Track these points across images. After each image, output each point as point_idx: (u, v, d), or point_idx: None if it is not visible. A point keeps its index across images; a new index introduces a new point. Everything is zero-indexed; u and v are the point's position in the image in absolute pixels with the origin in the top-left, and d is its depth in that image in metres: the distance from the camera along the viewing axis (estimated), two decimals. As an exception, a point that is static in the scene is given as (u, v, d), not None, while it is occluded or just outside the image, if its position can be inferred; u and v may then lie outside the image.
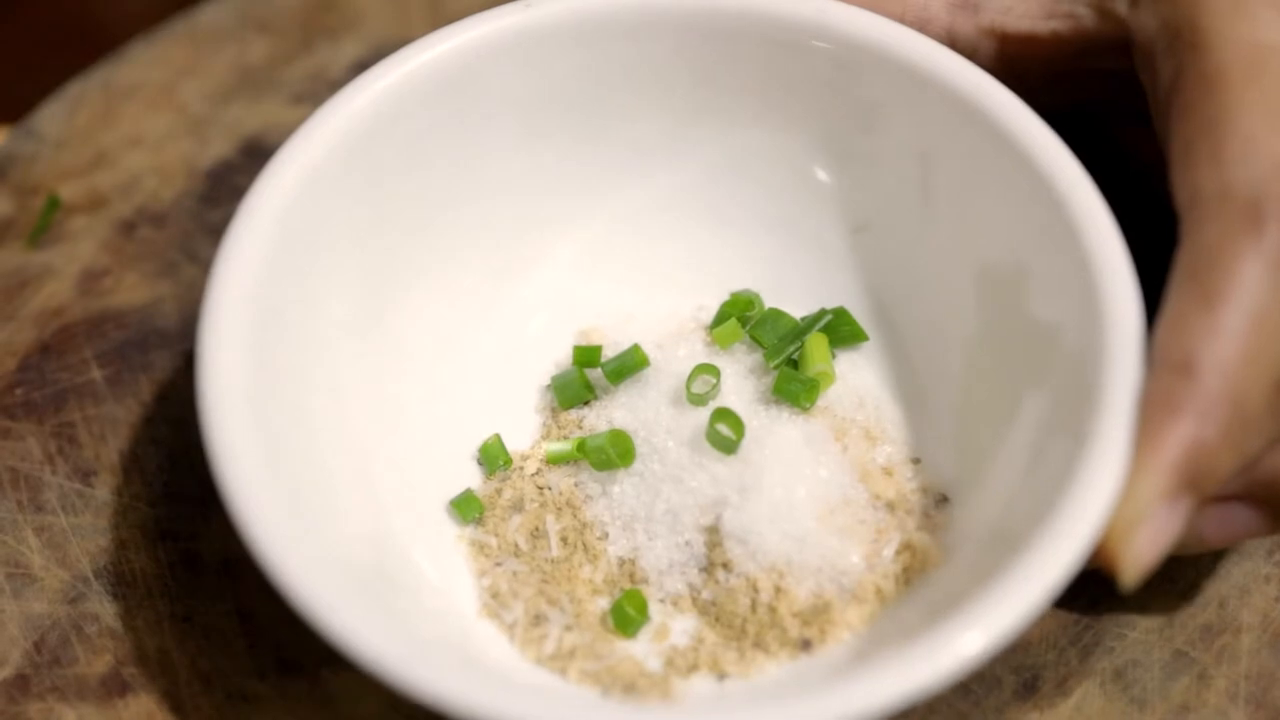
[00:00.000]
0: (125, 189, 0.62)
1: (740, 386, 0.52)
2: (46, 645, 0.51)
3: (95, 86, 0.65)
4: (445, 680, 0.41)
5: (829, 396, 0.52)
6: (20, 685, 0.50)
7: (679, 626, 0.49)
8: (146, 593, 0.52)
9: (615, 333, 0.55)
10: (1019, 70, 0.51)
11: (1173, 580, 0.50)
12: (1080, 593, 0.48)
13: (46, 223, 0.61)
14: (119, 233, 0.61)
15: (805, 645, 0.48)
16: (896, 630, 0.46)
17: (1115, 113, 0.52)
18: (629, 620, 0.49)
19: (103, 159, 0.63)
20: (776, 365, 0.52)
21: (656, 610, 0.50)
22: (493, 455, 0.53)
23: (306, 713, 0.49)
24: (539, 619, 0.49)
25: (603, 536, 0.51)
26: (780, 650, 0.48)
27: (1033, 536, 0.42)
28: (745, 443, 0.50)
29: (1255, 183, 0.43)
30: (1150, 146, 0.48)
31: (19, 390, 0.57)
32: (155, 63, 0.66)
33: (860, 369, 0.54)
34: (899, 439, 0.52)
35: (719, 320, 0.54)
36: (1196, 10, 0.45)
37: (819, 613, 0.48)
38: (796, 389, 0.51)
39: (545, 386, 0.55)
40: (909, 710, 0.47)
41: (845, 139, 0.53)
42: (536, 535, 0.51)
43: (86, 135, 0.64)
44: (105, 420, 0.56)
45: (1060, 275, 0.47)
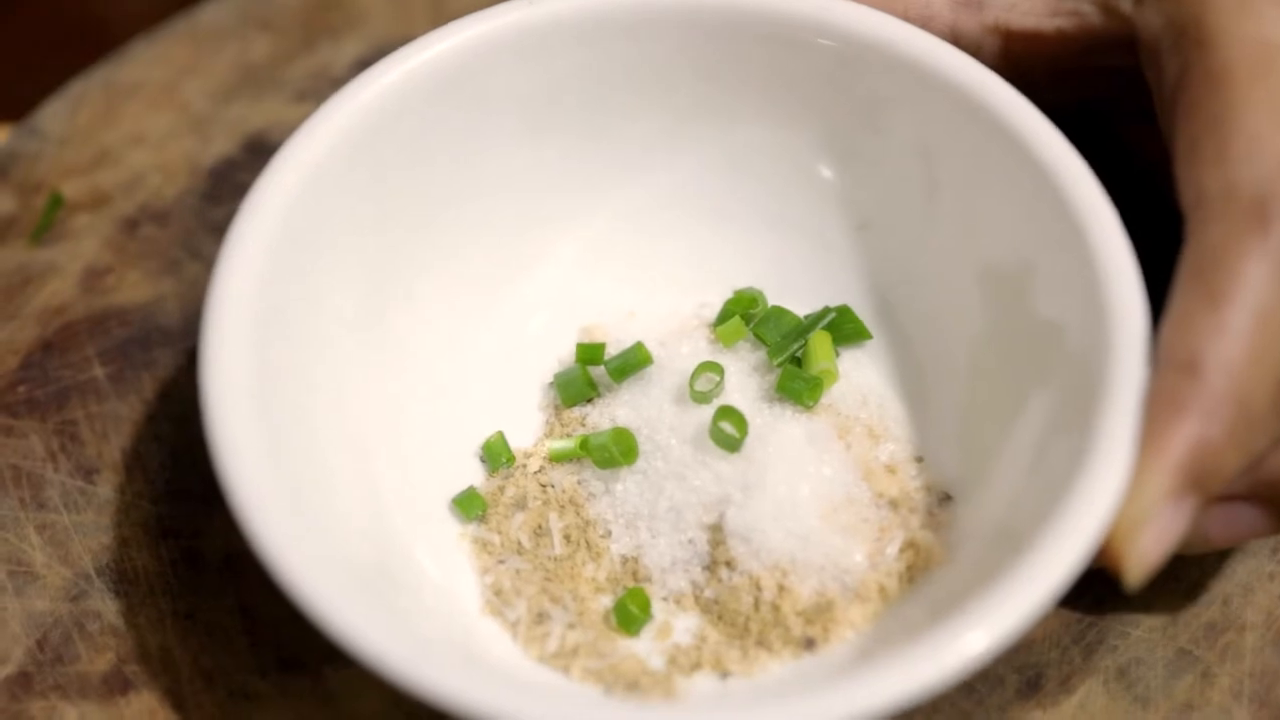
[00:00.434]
0: (128, 187, 0.62)
1: (743, 384, 0.52)
2: (49, 643, 0.51)
3: (97, 85, 0.65)
4: (447, 678, 0.41)
5: (832, 394, 0.52)
6: (22, 683, 0.50)
7: (682, 625, 0.49)
8: (148, 590, 0.52)
9: (618, 330, 0.55)
10: (1023, 67, 0.51)
11: (1176, 578, 0.50)
12: (1084, 591, 0.47)
13: (49, 220, 0.61)
14: (122, 230, 0.61)
15: (808, 644, 0.48)
16: (900, 629, 0.46)
17: (1120, 110, 0.52)
18: (632, 618, 0.49)
19: (105, 157, 0.63)
20: (780, 363, 0.52)
21: (659, 608, 0.50)
22: (496, 453, 0.52)
23: (308, 710, 0.49)
24: (541, 617, 0.49)
25: (606, 534, 0.51)
26: (783, 649, 0.48)
27: (1037, 535, 0.42)
28: (748, 441, 0.50)
29: (1261, 181, 0.43)
30: (1155, 144, 0.48)
31: (21, 388, 0.57)
32: (157, 61, 0.66)
33: (864, 367, 0.53)
34: (902, 437, 0.52)
35: (722, 318, 0.54)
36: (1202, 7, 0.45)
37: (822, 611, 0.48)
38: (800, 387, 0.51)
39: (548, 384, 0.54)
40: (912, 709, 0.47)
41: (848, 136, 0.53)
42: (539, 533, 0.51)
43: (89, 133, 0.64)
44: (108, 418, 0.56)
45: (1065, 273, 0.47)
